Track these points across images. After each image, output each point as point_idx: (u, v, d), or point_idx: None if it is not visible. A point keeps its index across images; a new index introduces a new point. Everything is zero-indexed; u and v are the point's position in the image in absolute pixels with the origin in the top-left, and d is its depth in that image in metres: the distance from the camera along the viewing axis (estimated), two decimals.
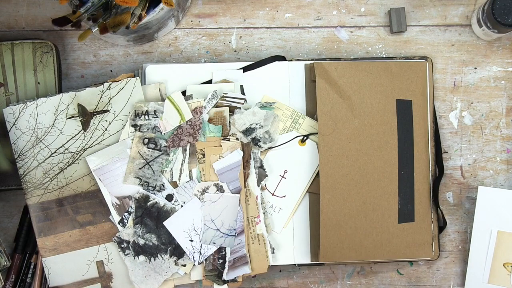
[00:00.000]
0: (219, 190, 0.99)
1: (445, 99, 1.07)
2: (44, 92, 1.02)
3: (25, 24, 1.07)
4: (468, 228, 1.06)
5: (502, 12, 0.97)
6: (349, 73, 1.01)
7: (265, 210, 1.02)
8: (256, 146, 1.01)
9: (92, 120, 1.00)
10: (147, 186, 0.99)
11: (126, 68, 1.07)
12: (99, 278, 1.00)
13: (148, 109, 0.99)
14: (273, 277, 1.06)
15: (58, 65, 1.02)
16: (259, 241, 1.01)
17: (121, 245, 0.99)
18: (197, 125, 0.99)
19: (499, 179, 1.06)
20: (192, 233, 0.99)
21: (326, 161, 1.00)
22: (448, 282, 1.06)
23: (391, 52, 1.07)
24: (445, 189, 1.06)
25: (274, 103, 1.02)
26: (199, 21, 1.07)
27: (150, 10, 0.96)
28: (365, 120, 1.01)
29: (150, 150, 0.99)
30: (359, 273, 1.06)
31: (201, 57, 1.07)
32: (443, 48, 1.07)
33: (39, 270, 1.03)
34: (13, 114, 0.99)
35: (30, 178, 0.99)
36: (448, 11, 1.07)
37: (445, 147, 1.07)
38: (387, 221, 1.01)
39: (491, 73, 1.07)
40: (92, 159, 0.99)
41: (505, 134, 1.06)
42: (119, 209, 0.99)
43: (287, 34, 1.07)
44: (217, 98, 1.00)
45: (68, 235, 1.00)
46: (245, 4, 1.07)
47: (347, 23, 1.07)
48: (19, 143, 0.99)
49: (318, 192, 1.01)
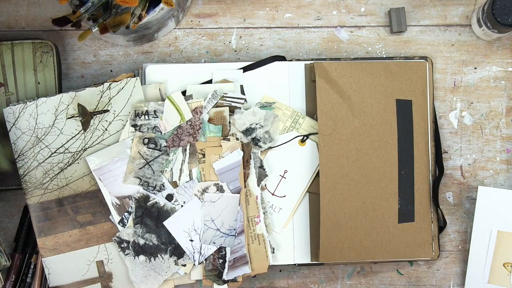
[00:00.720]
0: (219, 190, 0.99)
1: (445, 99, 1.07)
2: (44, 92, 1.02)
3: (25, 24, 1.07)
4: (468, 228, 1.06)
5: (502, 12, 0.97)
6: (349, 73, 1.01)
7: (265, 210, 1.02)
8: (256, 146, 1.01)
9: (92, 120, 1.00)
10: (147, 186, 0.99)
11: (126, 68, 1.07)
12: (99, 278, 1.00)
13: (148, 109, 0.99)
14: (273, 277, 1.06)
15: (58, 65, 1.02)
16: (259, 241, 1.01)
17: (121, 245, 0.99)
18: (197, 125, 0.99)
19: (499, 179, 1.06)
20: (192, 233, 0.99)
21: (326, 161, 1.00)
22: (448, 282, 1.06)
23: (391, 52, 1.07)
24: (445, 189, 1.06)
25: (274, 103, 1.02)
26: (199, 21, 1.07)
27: (150, 10, 0.96)
28: (365, 120, 1.01)
29: (150, 150, 0.99)
30: (359, 273, 1.06)
31: (201, 57, 1.07)
32: (443, 48, 1.07)
33: (39, 270, 1.03)
34: (13, 114, 0.99)
35: (30, 178, 0.99)
36: (448, 11, 1.07)
37: (445, 147, 1.06)
38: (387, 221, 1.01)
39: (491, 73, 1.07)
40: (92, 159, 0.99)
41: (505, 134, 1.06)
42: (119, 209, 0.99)
43: (287, 34, 1.07)
44: (217, 98, 1.00)
45: (68, 235, 1.00)
46: (245, 4, 1.07)
47: (347, 23, 1.07)
48: (19, 143, 0.99)
49: (318, 192, 1.01)
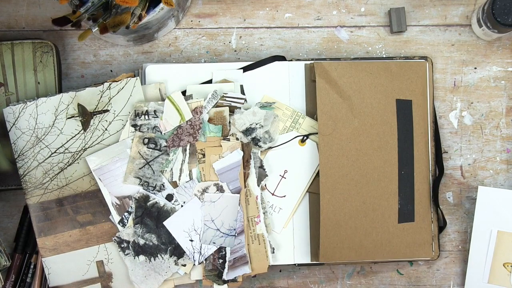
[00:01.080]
0: (219, 190, 0.99)
1: (445, 99, 1.07)
2: (44, 92, 1.02)
3: (25, 24, 1.07)
4: (468, 228, 1.06)
5: (502, 12, 0.97)
6: (349, 73, 1.01)
7: (265, 210, 1.02)
8: (256, 146, 1.01)
9: (92, 120, 1.00)
10: (147, 186, 0.99)
11: (126, 68, 1.07)
12: (99, 278, 1.00)
13: (148, 109, 0.99)
14: (273, 277, 1.06)
15: (58, 65, 1.02)
16: (259, 241, 1.01)
17: (121, 245, 0.99)
18: (197, 125, 0.99)
19: (499, 179, 1.06)
20: (192, 233, 0.99)
21: (326, 161, 1.00)
22: (448, 282, 1.06)
23: (391, 52, 1.07)
24: (445, 189, 1.06)
25: (274, 103, 1.02)
26: (199, 21, 1.07)
27: (150, 10, 0.96)
28: (365, 120, 1.01)
29: (150, 150, 0.99)
30: (359, 273, 1.06)
31: (201, 57, 1.07)
32: (443, 48, 1.07)
33: (39, 270, 1.03)
34: (13, 114, 0.99)
35: (30, 178, 0.99)
36: (448, 11, 1.07)
37: (445, 147, 1.06)
38: (387, 221, 1.01)
39: (491, 73, 1.07)
40: (92, 159, 0.99)
41: (505, 134, 1.06)
42: (119, 209, 0.99)
43: (287, 34, 1.07)
44: (217, 98, 1.00)
45: (68, 235, 1.00)
46: (245, 4, 1.07)
47: (347, 23, 1.07)
48: (19, 143, 0.99)
49: (318, 192, 1.01)
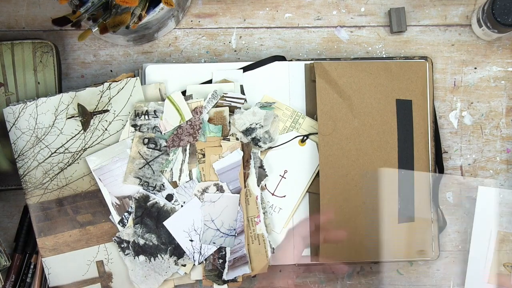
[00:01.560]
0: (219, 190, 0.99)
1: (445, 99, 1.07)
2: (44, 92, 1.02)
3: (25, 24, 1.07)
4: (468, 228, 1.06)
5: (502, 12, 0.97)
6: (349, 73, 1.01)
7: (265, 210, 1.02)
8: (256, 146, 1.01)
9: (92, 120, 1.00)
10: (147, 186, 0.99)
11: (126, 68, 1.07)
12: (99, 278, 1.00)
13: (148, 109, 0.99)
14: (273, 277, 1.06)
15: (58, 65, 1.02)
16: (259, 241, 1.00)
17: (121, 245, 0.99)
18: (197, 125, 0.99)
19: (499, 179, 1.06)
20: (192, 233, 0.99)
21: (326, 161, 1.00)
22: (448, 282, 1.06)
23: (391, 52, 1.07)
24: (445, 189, 1.06)
25: (274, 103, 1.02)
26: (199, 21, 1.07)
27: (150, 10, 0.96)
28: (365, 120, 1.01)
29: (150, 150, 0.99)
30: (359, 273, 1.06)
31: (201, 57, 1.07)
32: (443, 48, 1.07)
33: (39, 270, 1.03)
34: (13, 114, 0.99)
35: (30, 178, 0.99)
36: (448, 11, 1.07)
37: (445, 147, 1.06)
38: (387, 221, 1.01)
39: (491, 73, 1.07)
40: (92, 159, 0.99)
41: (505, 134, 1.06)
42: (119, 209, 0.99)
43: (287, 34, 1.07)
44: (217, 98, 1.00)
45: (68, 235, 1.00)
46: (245, 4, 1.07)
47: (347, 23, 1.07)
48: (19, 143, 0.99)
49: (318, 192, 1.01)
